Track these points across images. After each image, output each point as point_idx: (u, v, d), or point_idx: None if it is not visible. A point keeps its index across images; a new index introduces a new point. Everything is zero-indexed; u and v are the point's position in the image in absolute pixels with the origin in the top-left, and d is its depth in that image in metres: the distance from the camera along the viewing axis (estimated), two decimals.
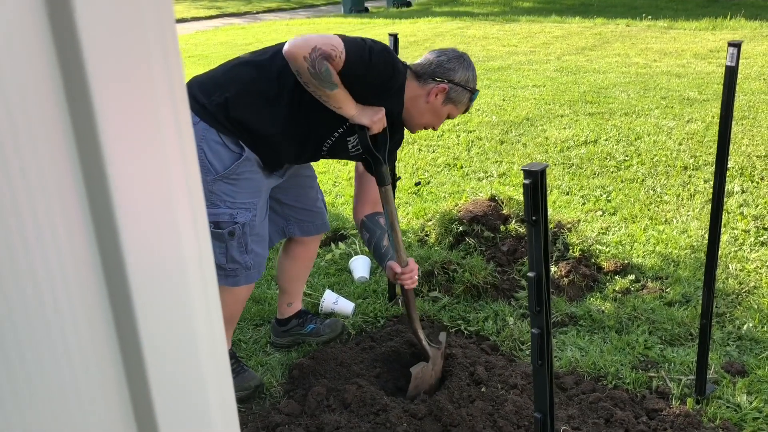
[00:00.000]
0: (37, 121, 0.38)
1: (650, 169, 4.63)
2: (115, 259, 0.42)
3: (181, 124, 0.43)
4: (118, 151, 0.40)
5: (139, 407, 0.45)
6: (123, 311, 0.43)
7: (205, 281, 0.47)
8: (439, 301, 3.21)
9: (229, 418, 0.51)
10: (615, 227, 3.83)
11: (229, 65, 2.31)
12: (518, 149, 5.23)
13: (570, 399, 2.50)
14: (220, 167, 2.21)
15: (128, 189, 0.41)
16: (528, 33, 11.25)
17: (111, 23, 0.39)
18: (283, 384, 2.65)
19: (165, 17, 0.42)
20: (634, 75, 7.57)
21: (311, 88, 2.13)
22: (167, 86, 0.42)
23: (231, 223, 2.26)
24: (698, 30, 10.83)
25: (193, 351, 0.47)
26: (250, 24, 15.85)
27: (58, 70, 0.39)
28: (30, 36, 0.37)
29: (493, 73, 8.02)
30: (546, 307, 1.27)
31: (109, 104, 0.39)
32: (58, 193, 0.39)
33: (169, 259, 0.44)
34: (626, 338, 2.84)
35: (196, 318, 0.46)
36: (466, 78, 2.31)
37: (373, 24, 13.77)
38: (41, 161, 0.39)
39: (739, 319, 2.94)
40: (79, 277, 0.41)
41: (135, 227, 0.42)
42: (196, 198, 0.46)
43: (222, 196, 2.24)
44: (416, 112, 2.33)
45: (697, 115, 5.75)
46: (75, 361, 0.41)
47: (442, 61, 2.31)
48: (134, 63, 0.40)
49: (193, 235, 0.45)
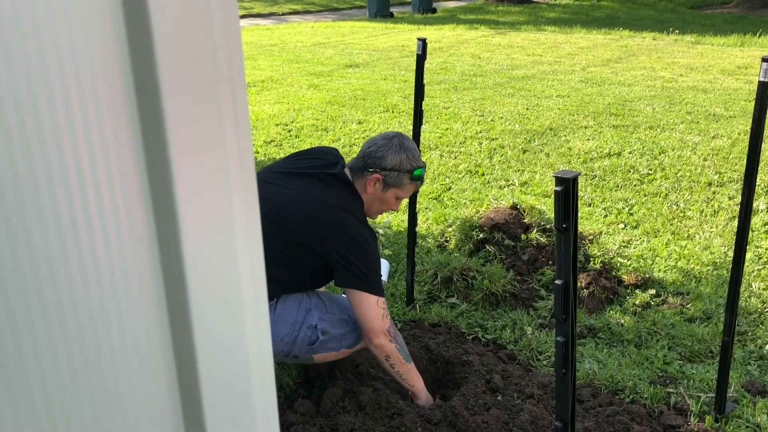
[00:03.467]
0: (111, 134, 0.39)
1: (674, 183, 4.59)
2: (176, 275, 0.42)
3: (241, 143, 0.44)
4: (183, 169, 0.41)
5: (188, 407, 0.45)
6: (180, 316, 0.43)
7: (256, 290, 0.48)
8: (457, 307, 3.20)
9: (271, 421, 0.51)
10: (637, 241, 3.80)
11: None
12: (541, 159, 5.20)
13: (587, 411, 2.48)
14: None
15: (190, 202, 0.42)
16: (553, 43, 11.21)
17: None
18: (299, 384, 2.65)
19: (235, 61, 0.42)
20: (660, 89, 7.51)
21: (395, 369, 2.38)
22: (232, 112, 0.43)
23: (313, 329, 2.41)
24: (726, 46, 10.73)
25: (244, 360, 0.47)
26: (276, 25, 15.96)
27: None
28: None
29: (517, 82, 8.00)
30: (572, 316, 1.26)
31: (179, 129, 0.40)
32: (126, 211, 0.40)
33: (223, 266, 0.45)
34: (645, 353, 2.81)
35: (245, 322, 0.47)
36: (398, 161, 2.34)
37: (397, 29, 13.81)
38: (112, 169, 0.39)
39: (761, 339, 2.90)
40: (139, 282, 0.42)
41: (195, 241, 0.42)
42: (251, 206, 0.46)
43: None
44: (366, 206, 2.41)
45: (722, 132, 5.69)
46: (132, 360, 0.42)
47: (371, 152, 2.36)
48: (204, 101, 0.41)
49: (245, 247, 0.46)
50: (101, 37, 0.38)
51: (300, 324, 2.36)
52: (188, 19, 0.40)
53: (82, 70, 0.37)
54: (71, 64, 0.37)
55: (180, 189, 0.41)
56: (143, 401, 0.43)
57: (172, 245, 0.42)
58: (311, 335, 2.37)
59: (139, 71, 0.38)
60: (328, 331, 2.39)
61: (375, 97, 7.30)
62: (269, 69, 9.20)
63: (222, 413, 0.47)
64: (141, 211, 0.41)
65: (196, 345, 0.44)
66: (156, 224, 0.41)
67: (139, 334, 0.42)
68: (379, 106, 6.85)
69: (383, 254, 3.70)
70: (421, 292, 3.33)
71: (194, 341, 0.44)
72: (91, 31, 0.37)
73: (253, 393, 0.49)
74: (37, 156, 0.36)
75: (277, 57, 10.30)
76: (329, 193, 2.32)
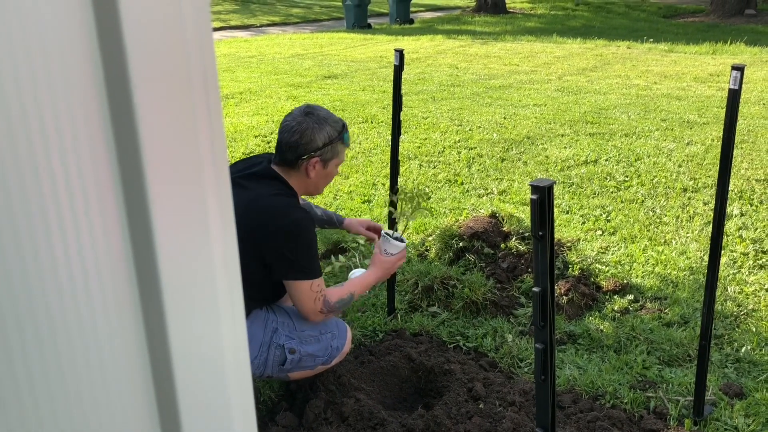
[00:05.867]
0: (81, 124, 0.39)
1: (650, 190, 4.65)
2: (150, 273, 0.42)
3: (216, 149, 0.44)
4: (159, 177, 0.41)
5: (165, 415, 0.45)
6: (155, 316, 0.43)
7: (231, 288, 0.48)
8: (438, 316, 3.21)
9: (248, 423, 0.51)
10: (614, 247, 3.84)
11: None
12: (519, 167, 5.25)
13: (568, 417, 2.49)
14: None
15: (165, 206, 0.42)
16: (529, 53, 11.33)
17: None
18: (281, 396, 2.64)
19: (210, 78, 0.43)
20: (635, 97, 7.62)
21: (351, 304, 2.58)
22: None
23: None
24: (698, 54, 10.91)
25: (219, 359, 0.47)
26: (254, 37, 15.95)
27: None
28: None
29: (494, 92, 8.07)
30: (550, 323, 1.27)
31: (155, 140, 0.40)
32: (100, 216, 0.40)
33: (198, 261, 0.45)
34: (624, 358, 2.84)
35: (222, 326, 0.47)
36: (326, 136, 2.29)
37: (375, 40, 13.86)
38: (83, 163, 0.39)
39: (737, 342, 2.94)
40: (111, 266, 0.42)
41: (169, 238, 0.43)
42: (226, 210, 0.47)
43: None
44: (312, 189, 2.40)
45: (696, 138, 5.78)
46: (105, 355, 0.42)
47: (296, 140, 2.28)
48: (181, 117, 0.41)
49: (221, 239, 0.46)
50: (72, 44, 0.38)
51: (268, 345, 2.33)
52: (162, 34, 0.40)
53: (56, 89, 0.38)
54: (45, 78, 0.37)
55: (155, 203, 0.41)
56: (119, 410, 0.43)
57: (147, 252, 0.42)
58: (280, 355, 2.34)
59: (112, 90, 0.39)
60: (297, 350, 2.36)
61: (354, 108, 7.32)
62: (247, 81, 9.19)
63: (200, 423, 0.47)
64: (116, 224, 0.41)
65: (172, 352, 0.44)
66: (131, 233, 0.42)
67: (114, 342, 0.42)
68: (358, 117, 6.86)
69: (364, 266, 3.70)
70: (402, 302, 3.33)
71: (170, 348, 0.44)
72: (64, 46, 0.38)
73: (230, 396, 0.50)
74: (9, 163, 0.36)
75: (255, 69, 10.29)
76: (249, 192, 2.27)
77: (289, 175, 2.34)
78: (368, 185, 4.97)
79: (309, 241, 2.28)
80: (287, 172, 2.34)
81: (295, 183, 2.35)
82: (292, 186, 2.35)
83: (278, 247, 2.22)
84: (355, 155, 5.66)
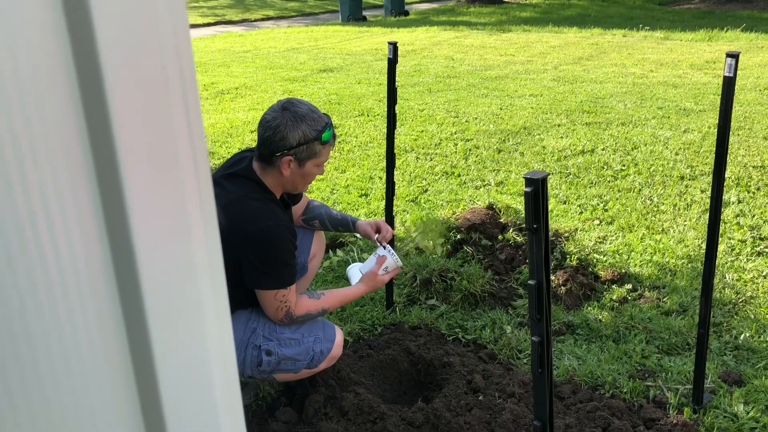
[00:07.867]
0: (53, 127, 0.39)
1: (647, 178, 4.65)
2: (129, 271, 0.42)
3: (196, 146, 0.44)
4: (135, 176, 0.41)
5: (148, 409, 0.45)
6: (136, 320, 0.43)
7: (215, 289, 0.47)
8: (437, 309, 3.21)
9: (236, 423, 0.51)
10: (612, 236, 3.84)
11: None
12: (516, 158, 5.24)
13: (567, 408, 2.50)
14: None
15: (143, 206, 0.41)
16: (525, 43, 11.30)
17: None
18: (281, 392, 2.64)
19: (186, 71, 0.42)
20: (631, 85, 7.60)
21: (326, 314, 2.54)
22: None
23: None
24: (694, 41, 10.89)
25: (205, 358, 0.47)
26: (248, 31, 15.89)
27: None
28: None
29: (490, 82, 8.05)
30: (546, 315, 1.27)
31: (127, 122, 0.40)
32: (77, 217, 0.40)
33: (180, 264, 0.44)
34: (623, 347, 2.84)
35: (207, 324, 0.47)
36: (301, 135, 2.20)
37: (370, 33, 13.82)
38: (56, 163, 0.39)
39: (735, 329, 2.94)
40: (90, 271, 0.41)
41: (147, 229, 0.42)
42: (207, 201, 0.46)
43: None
44: (290, 187, 2.33)
45: (693, 126, 5.77)
46: (85, 355, 0.41)
47: (269, 137, 2.20)
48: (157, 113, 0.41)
49: (203, 239, 0.45)
50: (43, 45, 0.37)
51: (245, 345, 2.30)
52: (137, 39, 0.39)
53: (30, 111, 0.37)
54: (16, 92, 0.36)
55: (131, 198, 0.41)
56: (101, 417, 0.42)
57: (126, 256, 0.41)
58: (257, 356, 2.30)
59: (87, 95, 0.38)
60: (274, 352, 2.31)
61: (350, 101, 7.30)
62: (243, 76, 9.16)
63: (186, 426, 0.47)
64: (94, 226, 0.41)
65: (155, 355, 0.43)
66: (109, 238, 0.41)
67: (95, 348, 0.42)
68: (354, 110, 6.85)
69: (362, 260, 3.69)
70: (401, 295, 3.33)
71: (153, 352, 0.43)
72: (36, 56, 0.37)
73: (217, 398, 0.49)
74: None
75: (251, 63, 10.25)
76: (228, 193, 2.23)
77: (266, 171, 2.27)
78: (365, 179, 4.96)
79: (278, 249, 2.21)
80: (264, 169, 2.27)
81: (271, 181, 2.28)
82: (268, 185, 2.28)
83: (246, 252, 2.18)
84: (352, 149, 5.65)
